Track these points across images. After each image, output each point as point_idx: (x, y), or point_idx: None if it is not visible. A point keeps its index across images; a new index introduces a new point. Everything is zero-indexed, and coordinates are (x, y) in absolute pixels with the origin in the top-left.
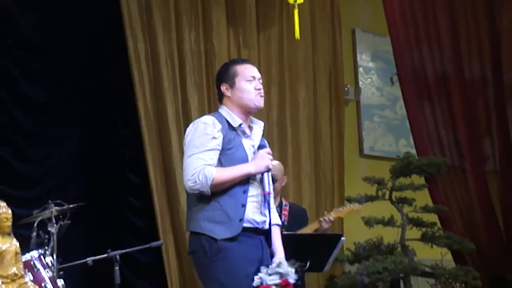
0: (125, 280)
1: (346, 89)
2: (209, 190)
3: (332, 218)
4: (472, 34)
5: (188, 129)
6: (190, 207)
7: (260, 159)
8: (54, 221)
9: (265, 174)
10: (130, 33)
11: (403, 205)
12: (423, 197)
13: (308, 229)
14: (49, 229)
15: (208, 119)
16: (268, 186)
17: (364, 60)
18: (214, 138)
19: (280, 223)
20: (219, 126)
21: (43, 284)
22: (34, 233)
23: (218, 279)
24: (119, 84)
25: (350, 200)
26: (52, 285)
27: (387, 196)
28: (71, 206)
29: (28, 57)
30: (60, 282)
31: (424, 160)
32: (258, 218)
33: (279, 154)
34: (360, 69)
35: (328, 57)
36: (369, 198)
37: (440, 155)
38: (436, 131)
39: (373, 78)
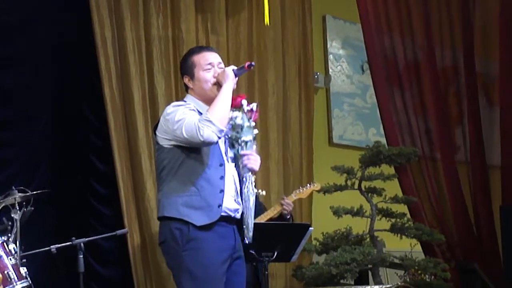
0: (89, 268)
1: (315, 76)
2: (219, 125)
3: (291, 202)
4: (445, 22)
5: (161, 123)
6: (165, 192)
7: (223, 74)
8: (17, 207)
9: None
10: (97, 18)
11: (372, 195)
12: (393, 187)
13: (271, 212)
14: (12, 215)
15: (176, 103)
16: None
17: (334, 47)
18: (192, 109)
19: None
20: (190, 105)
21: (6, 272)
22: None
23: (189, 270)
24: (86, 70)
25: (318, 190)
26: (15, 273)
27: (356, 186)
28: (34, 192)
29: None
30: (23, 269)
31: (394, 150)
32: (232, 206)
33: None
34: (330, 56)
35: (298, 44)
36: (338, 188)
37: (410, 144)
38: (407, 120)
39: (343, 66)
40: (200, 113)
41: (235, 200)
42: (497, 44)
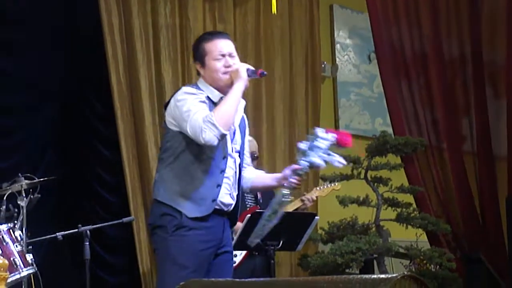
0: (95, 255)
1: (322, 65)
2: (222, 130)
3: (314, 198)
4: (452, 12)
5: (170, 106)
6: (163, 176)
7: (237, 73)
8: (24, 194)
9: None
10: (104, 5)
11: (379, 184)
12: (399, 177)
13: (290, 207)
14: (18, 202)
15: (189, 89)
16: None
17: (341, 36)
18: (202, 101)
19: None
20: (203, 94)
21: (12, 258)
22: (4, 207)
23: (172, 257)
24: (92, 56)
25: (325, 179)
26: (21, 259)
27: (362, 175)
28: (41, 179)
29: None
30: (29, 256)
31: (401, 139)
32: (227, 200)
33: (254, 130)
34: (337, 46)
35: (305, 33)
36: (344, 177)
37: (417, 134)
38: (414, 110)
39: (350, 55)
40: (211, 101)
41: (230, 195)
42: (505, 34)
